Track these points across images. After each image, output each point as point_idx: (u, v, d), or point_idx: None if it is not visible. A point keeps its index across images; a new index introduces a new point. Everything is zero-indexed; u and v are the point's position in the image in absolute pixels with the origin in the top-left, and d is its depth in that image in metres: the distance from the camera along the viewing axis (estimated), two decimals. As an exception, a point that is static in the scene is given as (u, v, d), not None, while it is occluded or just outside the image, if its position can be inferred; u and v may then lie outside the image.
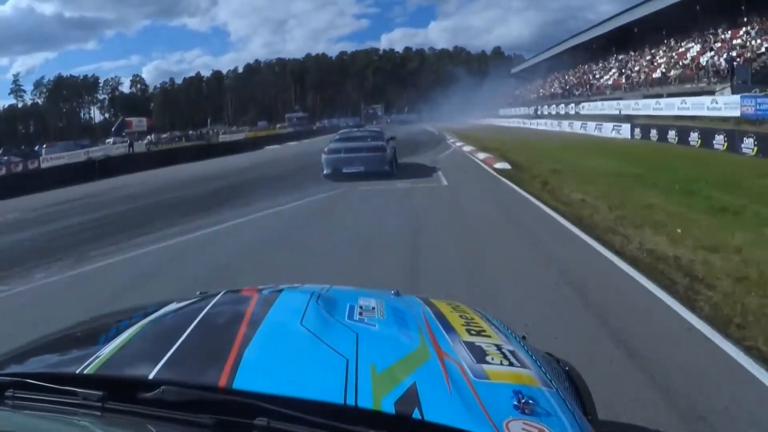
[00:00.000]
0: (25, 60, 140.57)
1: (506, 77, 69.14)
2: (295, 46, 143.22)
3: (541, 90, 52.04)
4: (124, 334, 1.02)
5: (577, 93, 38.89)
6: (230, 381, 0.83)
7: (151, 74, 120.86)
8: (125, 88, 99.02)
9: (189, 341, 0.97)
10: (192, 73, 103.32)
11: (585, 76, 42.59)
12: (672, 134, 17.24)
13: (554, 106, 38.32)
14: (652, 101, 22.31)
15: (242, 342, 0.94)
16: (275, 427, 0.76)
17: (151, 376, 0.85)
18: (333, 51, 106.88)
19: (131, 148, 28.23)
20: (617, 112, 24.09)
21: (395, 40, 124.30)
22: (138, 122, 52.54)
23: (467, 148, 18.72)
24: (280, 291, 1.28)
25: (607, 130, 22.57)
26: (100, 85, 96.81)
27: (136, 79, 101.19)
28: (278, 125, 65.68)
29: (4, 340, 1.74)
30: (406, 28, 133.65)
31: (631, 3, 36.71)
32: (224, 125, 71.37)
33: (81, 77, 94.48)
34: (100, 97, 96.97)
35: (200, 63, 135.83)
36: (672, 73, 25.45)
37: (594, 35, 42.07)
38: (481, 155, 15.49)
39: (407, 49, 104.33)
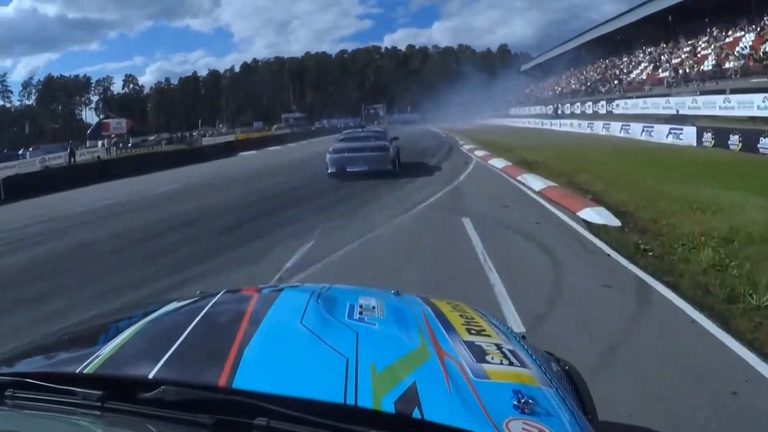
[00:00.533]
0: (28, 61, 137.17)
1: (515, 75, 65.57)
2: (298, 47, 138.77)
3: (556, 87, 47.94)
4: (124, 334, 1.01)
5: (603, 89, 34.73)
6: (230, 381, 0.81)
7: (155, 75, 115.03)
8: (118, 88, 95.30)
9: (189, 341, 0.96)
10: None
11: (609, 71, 38.54)
12: (765, 143, 13.10)
13: (578, 104, 34.21)
14: (718, 98, 18.10)
15: (242, 341, 0.93)
16: (275, 427, 0.75)
17: (150, 376, 0.84)
18: (335, 51, 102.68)
19: (72, 158, 24.06)
20: (674, 112, 19.86)
21: (398, 40, 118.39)
22: (116, 124, 48.11)
23: (497, 163, 13.57)
24: (281, 290, 1.27)
25: (661, 134, 18.37)
26: (92, 85, 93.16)
27: (129, 80, 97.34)
28: (275, 126, 63.29)
29: None
30: (410, 29, 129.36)
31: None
32: (213, 127, 68.10)
33: (72, 77, 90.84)
34: (94, 98, 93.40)
35: (203, 64, 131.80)
36: (731, 65, 21.29)
37: (614, 27, 38.45)
38: (533, 181, 9.66)
39: (410, 47, 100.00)
